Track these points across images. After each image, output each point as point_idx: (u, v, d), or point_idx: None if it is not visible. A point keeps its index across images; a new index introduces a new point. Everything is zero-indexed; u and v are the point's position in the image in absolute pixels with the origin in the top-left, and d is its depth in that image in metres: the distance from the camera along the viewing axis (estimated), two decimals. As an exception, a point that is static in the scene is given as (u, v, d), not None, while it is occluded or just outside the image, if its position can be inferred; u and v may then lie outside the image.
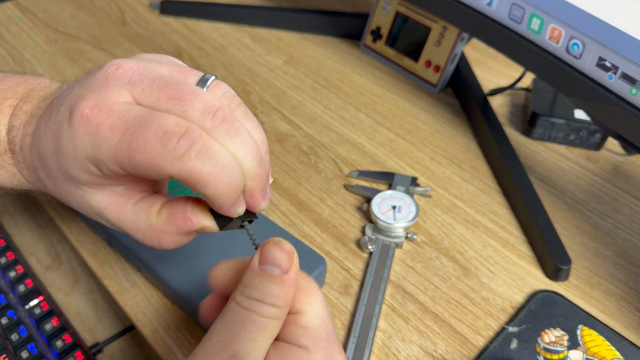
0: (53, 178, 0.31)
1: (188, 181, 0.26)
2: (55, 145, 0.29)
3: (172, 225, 0.30)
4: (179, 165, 0.26)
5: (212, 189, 0.26)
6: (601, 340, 0.41)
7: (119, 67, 0.28)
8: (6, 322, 0.42)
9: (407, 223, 0.48)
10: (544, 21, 0.47)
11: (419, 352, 0.41)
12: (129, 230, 0.31)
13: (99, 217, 0.32)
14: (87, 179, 0.29)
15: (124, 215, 0.31)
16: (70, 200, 0.32)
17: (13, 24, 0.72)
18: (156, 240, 0.31)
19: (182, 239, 0.31)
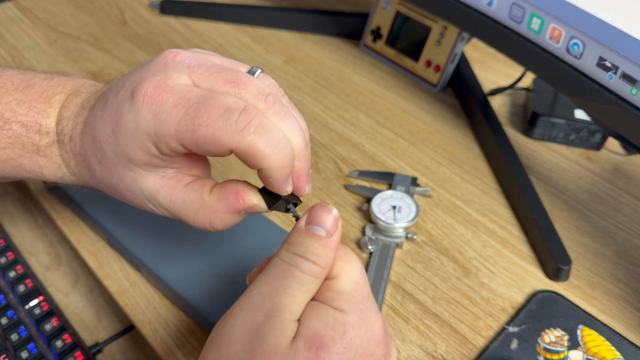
0: (106, 162, 0.31)
1: (247, 154, 0.28)
2: (114, 126, 0.30)
3: (224, 202, 0.31)
4: (240, 138, 0.27)
5: (268, 161, 0.28)
6: (601, 340, 0.41)
7: (177, 54, 0.30)
8: (6, 322, 0.42)
9: (407, 223, 0.47)
10: (544, 21, 0.47)
11: (419, 352, 0.41)
12: (180, 211, 0.32)
13: (149, 201, 0.33)
14: (144, 159, 0.30)
15: (175, 196, 0.32)
16: (121, 185, 0.32)
17: (13, 23, 0.72)
18: (207, 219, 0.32)
19: (232, 218, 0.32)
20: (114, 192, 0.34)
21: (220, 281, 0.41)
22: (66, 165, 0.34)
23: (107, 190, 0.34)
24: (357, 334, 0.27)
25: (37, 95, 0.34)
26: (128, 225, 0.44)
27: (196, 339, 0.40)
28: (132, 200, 0.33)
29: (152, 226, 0.44)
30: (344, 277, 0.29)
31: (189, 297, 0.40)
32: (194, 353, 0.39)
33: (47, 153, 0.34)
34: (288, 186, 0.31)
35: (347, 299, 0.28)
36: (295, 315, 0.27)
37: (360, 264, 0.30)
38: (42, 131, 0.34)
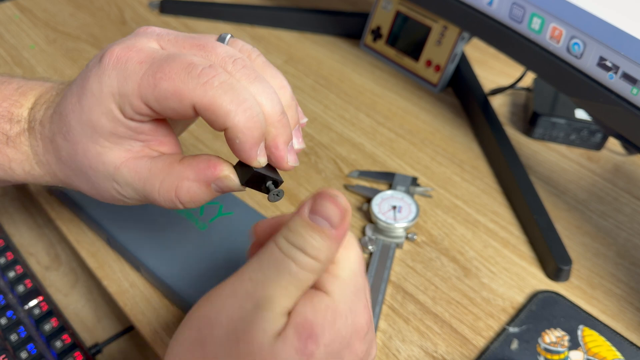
0: (70, 136, 0.30)
1: (210, 110, 0.27)
2: (79, 93, 0.29)
3: (194, 169, 0.30)
4: (202, 92, 0.26)
5: (232, 119, 0.27)
6: (602, 340, 0.41)
7: (148, 27, 0.31)
8: (5, 322, 0.42)
9: (407, 223, 0.47)
10: (545, 21, 0.47)
11: (419, 352, 0.41)
12: (146, 181, 0.30)
13: (113, 178, 0.31)
14: (108, 127, 0.29)
15: (140, 166, 0.30)
16: (85, 163, 0.31)
17: (12, 23, 0.72)
18: (173, 189, 0.30)
19: (200, 189, 0.30)
20: (79, 178, 0.32)
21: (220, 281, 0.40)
22: (34, 155, 0.33)
23: (73, 178, 0.32)
24: (344, 325, 0.26)
25: (12, 90, 0.34)
26: (127, 225, 0.44)
27: (196, 339, 0.40)
28: (96, 181, 0.31)
29: (152, 226, 0.44)
30: (342, 263, 0.27)
31: (189, 298, 0.40)
32: (193, 353, 0.39)
33: (16, 143, 0.33)
34: (260, 156, 0.28)
35: (340, 285, 0.27)
36: (286, 309, 0.26)
37: (360, 255, 0.29)
38: (13, 120, 0.33)
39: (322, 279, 0.27)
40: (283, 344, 0.25)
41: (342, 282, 0.27)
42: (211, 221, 0.44)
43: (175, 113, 0.28)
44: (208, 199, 0.30)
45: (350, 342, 0.27)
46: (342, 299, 0.26)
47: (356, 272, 0.28)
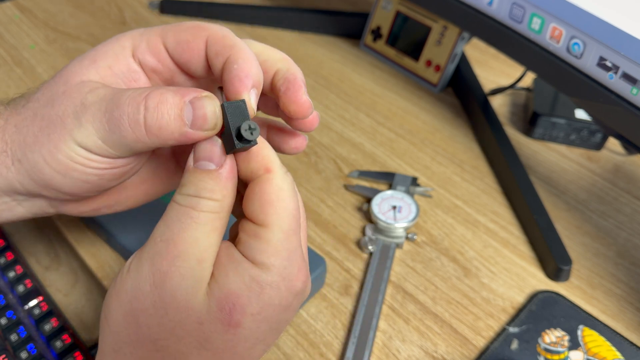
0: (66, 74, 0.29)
1: (224, 38, 0.28)
2: None
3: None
4: (217, 28, 0.28)
5: (239, 43, 0.28)
6: (602, 340, 0.41)
7: None
8: (5, 322, 0.42)
9: (407, 223, 0.47)
10: (545, 21, 0.47)
11: (420, 352, 0.41)
12: (113, 90, 0.27)
13: (78, 95, 0.28)
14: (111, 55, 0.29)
15: (118, 74, 0.29)
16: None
17: (12, 23, 0.72)
18: (145, 93, 0.26)
19: (172, 100, 0.26)
20: (41, 136, 0.28)
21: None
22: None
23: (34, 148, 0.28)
24: (276, 294, 0.25)
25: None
26: (128, 226, 0.44)
27: (196, 339, 0.40)
28: (60, 118, 0.28)
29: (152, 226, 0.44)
30: (272, 226, 0.25)
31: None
32: (193, 353, 0.39)
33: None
34: (252, 93, 0.27)
35: (272, 253, 0.25)
36: (204, 261, 0.25)
37: (293, 210, 0.26)
38: None
39: (252, 248, 0.26)
40: (208, 315, 0.25)
41: (273, 248, 0.25)
42: (211, 221, 0.44)
43: (186, 49, 0.28)
44: (173, 125, 0.26)
45: (287, 305, 0.26)
46: (273, 269, 0.25)
47: (289, 233, 0.26)
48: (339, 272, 0.46)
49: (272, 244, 0.25)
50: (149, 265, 0.25)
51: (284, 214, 0.26)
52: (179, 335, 0.25)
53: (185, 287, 0.25)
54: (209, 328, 0.25)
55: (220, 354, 0.25)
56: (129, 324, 0.26)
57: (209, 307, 0.25)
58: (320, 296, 0.44)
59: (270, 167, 0.26)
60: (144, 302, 0.25)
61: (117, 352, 0.26)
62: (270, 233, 0.25)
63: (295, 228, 0.26)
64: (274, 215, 0.26)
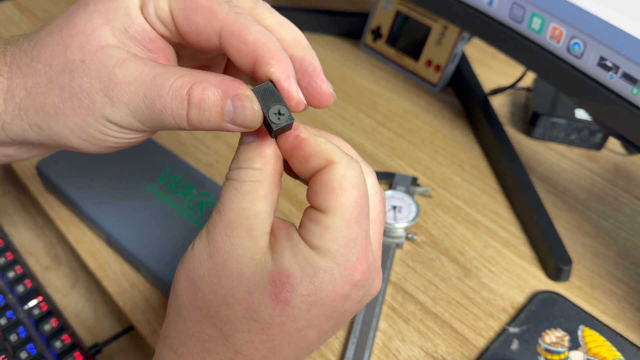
0: (70, 27, 0.27)
1: (239, 37, 0.25)
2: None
3: (219, 75, 0.26)
4: (234, 17, 0.26)
5: (264, 45, 0.25)
6: (602, 340, 0.41)
7: None
8: (5, 322, 0.42)
9: (407, 223, 0.47)
10: (545, 20, 0.47)
11: (420, 352, 0.41)
12: (154, 78, 0.26)
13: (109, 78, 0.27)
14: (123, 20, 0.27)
15: (151, 62, 0.27)
16: (77, 56, 0.27)
17: (12, 23, 0.72)
18: (188, 85, 0.26)
19: (214, 99, 0.26)
20: (50, 87, 0.28)
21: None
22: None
23: (37, 92, 0.28)
24: (329, 279, 0.25)
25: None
26: (127, 226, 0.44)
27: (196, 339, 0.40)
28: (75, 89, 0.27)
29: (152, 226, 0.44)
30: (332, 213, 0.25)
31: (189, 298, 0.40)
32: (193, 354, 0.39)
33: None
34: (299, 90, 0.26)
35: (329, 239, 0.25)
36: (252, 230, 0.26)
37: (357, 198, 0.26)
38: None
39: (310, 231, 0.26)
40: (258, 287, 0.25)
41: (331, 235, 0.25)
42: (211, 221, 0.44)
43: (196, 30, 0.26)
44: (214, 121, 0.26)
45: (343, 293, 0.26)
46: (328, 255, 0.25)
47: (350, 221, 0.25)
48: (339, 272, 0.45)
49: (331, 230, 0.25)
50: (206, 235, 0.27)
51: (346, 201, 0.25)
52: (230, 303, 0.26)
53: (236, 256, 0.26)
54: (257, 299, 0.25)
55: (268, 329, 0.26)
56: (188, 289, 0.27)
57: (260, 278, 0.25)
58: (320, 296, 0.44)
59: (331, 159, 0.26)
60: (201, 270, 0.27)
61: (177, 315, 0.28)
62: (329, 219, 0.25)
63: (358, 217, 0.26)
64: (335, 202, 0.25)
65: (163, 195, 0.46)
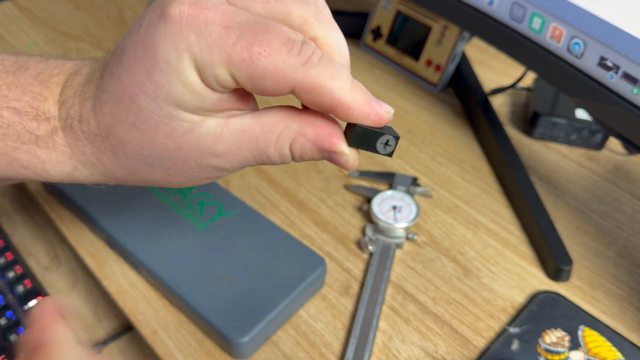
0: (143, 121, 0.26)
1: (314, 91, 0.25)
2: (148, 67, 0.25)
3: (315, 130, 0.27)
4: (304, 73, 0.24)
5: (337, 94, 0.25)
6: (602, 341, 0.41)
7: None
8: (5, 322, 0.42)
9: (407, 223, 0.47)
10: (545, 20, 0.47)
11: (420, 353, 0.41)
12: (256, 142, 0.27)
13: (211, 152, 0.27)
14: (191, 100, 0.25)
15: (247, 126, 0.27)
16: (169, 146, 0.27)
17: (12, 23, 0.72)
18: (289, 142, 0.27)
19: (311, 151, 0.27)
20: (152, 169, 0.28)
21: (219, 282, 0.40)
22: (79, 155, 0.29)
23: (142, 172, 0.29)
24: None
25: (31, 78, 0.29)
26: (127, 226, 0.44)
27: (196, 339, 0.40)
28: (182, 165, 0.28)
29: (152, 226, 0.44)
30: None
31: (188, 298, 0.40)
32: (193, 354, 0.39)
33: (49, 143, 0.29)
34: (384, 106, 0.26)
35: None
36: None
37: None
38: (40, 117, 0.29)
39: None
40: None
41: None
42: (211, 221, 0.44)
43: (265, 92, 0.25)
44: (311, 159, 0.28)
45: None
46: None
47: None
48: (339, 272, 0.45)
49: None
50: None
51: None
52: None
53: None
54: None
55: None
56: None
57: None
58: (320, 296, 0.44)
59: None
60: None
61: None
62: None
63: None
64: None
65: (163, 195, 0.46)
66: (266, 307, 0.39)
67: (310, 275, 0.41)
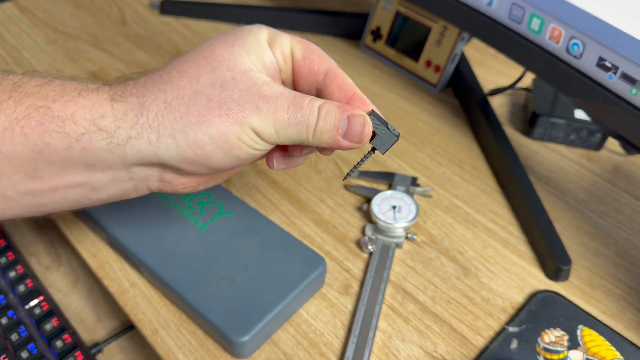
0: (215, 56, 0.32)
1: (341, 76, 0.36)
2: (232, 33, 0.33)
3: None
4: (336, 65, 0.36)
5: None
6: (601, 340, 0.41)
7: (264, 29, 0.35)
8: (6, 322, 0.42)
9: (407, 223, 0.47)
10: (544, 21, 0.47)
11: (419, 352, 0.41)
12: (298, 94, 0.32)
13: (255, 92, 0.32)
14: (258, 52, 0.33)
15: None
16: (227, 74, 0.32)
17: (12, 23, 0.72)
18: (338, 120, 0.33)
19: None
20: (195, 99, 0.31)
21: (220, 281, 0.41)
22: (117, 96, 0.31)
23: (179, 102, 0.31)
24: None
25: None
26: (128, 226, 0.44)
27: (196, 339, 0.40)
28: (226, 100, 0.31)
29: (152, 226, 0.44)
30: None
31: (189, 297, 0.40)
32: (194, 353, 0.39)
33: (90, 92, 0.31)
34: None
35: None
36: None
37: None
38: (90, 83, 0.32)
39: None
40: None
41: None
42: (211, 221, 0.45)
43: (309, 68, 0.35)
44: (330, 133, 0.33)
45: None
46: None
47: None
48: (339, 271, 0.46)
49: None
50: None
51: None
52: None
53: None
54: None
55: None
56: None
57: None
58: (320, 296, 0.44)
59: None
60: None
61: None
62: None
63: None
64: None
65: (163, 194, 0.46)
66: (266, 307, 0.39)
67: (310, 275, 0.41)
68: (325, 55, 0.35)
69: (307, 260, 0.42)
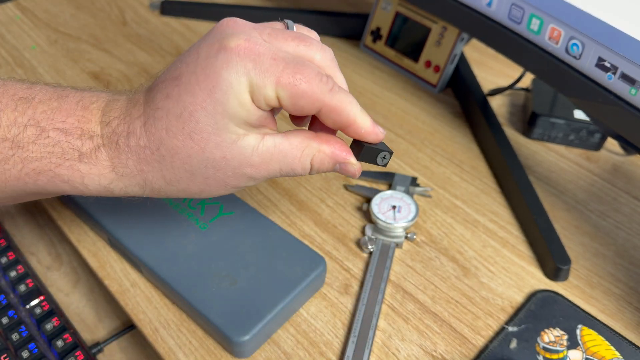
0: (198, 135, 0.31)
1: (336, 112, 0.32)
2: (210, 87, 0.30)
3: (331, 147, 0.34)
4: (330, 96, 0.31)
5: (355, 116, 0.32)
6: (601, 340, 0.42)
7: (236, 21, 0.34)
8: (7, 322, 0.42)
9: (407, 223, 0.48)
10: (544, 21, 0.47)
11: (419, 351, 0.41)
12: (285, 156, 0.33)
13: (248, 162, 0.33)
14: (243, 115, 0.31)
15: (278, 143, 0.33)
16: (214, 156, 0.32)
17: (13, 24, 0.73)
18: (310, 157, 0.34)
19: (328, 164, 0.34)
20: (191, 179, 0.33)
21: (220, 281, 0.41)
22: (120, 168, 0.33)
23: (180, 181, 0.33)
24: None
25: (73, 104, 0.33)
26: (128, 225, 0.44)
27: (196, 338, 0.40)
28: (219, 175, 0.33)
29: (152, 226, 0.44)
30: None
31: (189, 297, 0.40)
32: (194, 353, 0.40)
33: (91, 159, 0.33)
34: (379, 128, 0.34)
35: None
36: None
37: None
38: (84, 136, 0.33)
39: None
40: None
41: None
42: (212, 221, 0.45)
43: (300, 110, 0.32)
44: (326, 171, 0.35)
45: None
46: None
47: None
48: (338, 271, 0.46)
49: None
50: None
51: None
52: None
53: None
54: None
55: None
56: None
57: None
58: (320, 295, 0.44)
59: None
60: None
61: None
62: None
63: None
64: None
65: None
66: (267, 306, 0.39)
67: (311, 275, 0.41)
68: (317, 94, 0.31)
69: (307, 260, 0.42)
